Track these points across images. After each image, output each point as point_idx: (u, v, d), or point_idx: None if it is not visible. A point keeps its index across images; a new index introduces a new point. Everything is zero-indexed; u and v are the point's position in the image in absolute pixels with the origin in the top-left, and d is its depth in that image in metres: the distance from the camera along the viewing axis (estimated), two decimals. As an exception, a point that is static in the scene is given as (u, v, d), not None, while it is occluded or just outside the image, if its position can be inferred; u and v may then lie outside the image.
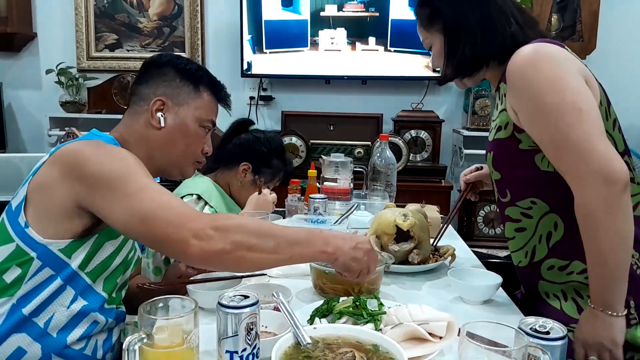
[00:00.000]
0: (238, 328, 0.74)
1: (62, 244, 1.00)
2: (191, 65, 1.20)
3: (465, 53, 1.12)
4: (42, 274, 0.99)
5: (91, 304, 1.05)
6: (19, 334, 0.98)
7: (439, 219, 1.72)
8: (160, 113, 1.14)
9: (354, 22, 3.10)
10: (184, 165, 1.21)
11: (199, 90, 1.18)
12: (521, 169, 1.09)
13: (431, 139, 3.07)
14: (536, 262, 1.13)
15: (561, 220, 1.08)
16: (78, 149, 1.00)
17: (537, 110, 0.99)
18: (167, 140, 1.15)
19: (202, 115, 1.18)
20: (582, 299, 1.08)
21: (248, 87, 3.38)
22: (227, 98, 1.26)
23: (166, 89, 1.16)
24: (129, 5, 3.36)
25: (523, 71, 1.01)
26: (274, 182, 1.76)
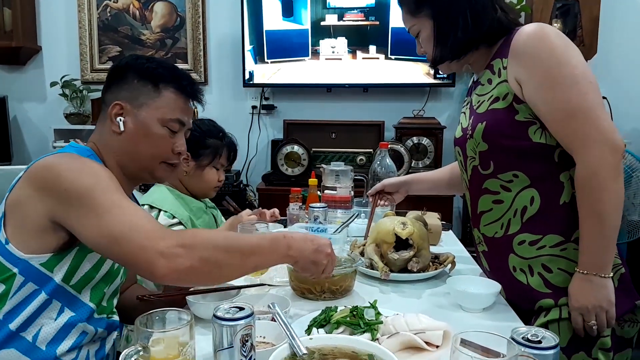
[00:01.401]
0: (233, 340, 0.75)
1: (42, 258, 0.99)
2: (150, 63, 1.14)
3: (458, 36, 1.17)
4: (25, 289, 0.99)
5: (79, 314, 1.05)
6: (7, 350, 0.98)
7: (440, 226, 1.72)
8: (119, 117, 1.10)
9: (355, 31, 3.12)
10: (153, 169, 1.15)
11: (158, 89, 1.12)
12: (512, 140, 1.13)
13: (433, 146, 3.07)
14: (509, 235, 1.18)
15: (539, 195, 1.14)
16: (51, 164, 0.99)
17: (549, 79, 1.05)
18: (130, 144, 1.11)
19: (165, 115, 1.12)
20: (551, 273, 1.14)
21: (250, 97, 3.40)
22: (196, 93, 1.19)
23: (125, 92, 1.12)
24: (132, 17, 3.40)
25: (534, 44, 1.07)
26: (220, 161, 1.76)
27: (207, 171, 1.74)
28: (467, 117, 1.24)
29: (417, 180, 1.67)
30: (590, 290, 1.07)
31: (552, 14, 2.93)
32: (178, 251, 0.89)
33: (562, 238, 1.13)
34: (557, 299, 1.13)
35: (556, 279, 1.13)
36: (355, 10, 3.10)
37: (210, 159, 1.73)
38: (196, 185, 1.75)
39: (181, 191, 1.74)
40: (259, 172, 3.37)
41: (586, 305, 1.07)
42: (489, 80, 1.18)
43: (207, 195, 1.81)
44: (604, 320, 1.08)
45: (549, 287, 1.14)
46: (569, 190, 1.13)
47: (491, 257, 1.25)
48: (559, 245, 1.13)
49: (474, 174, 1.23)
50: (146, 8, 3.38)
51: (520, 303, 1.18)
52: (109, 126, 1.11)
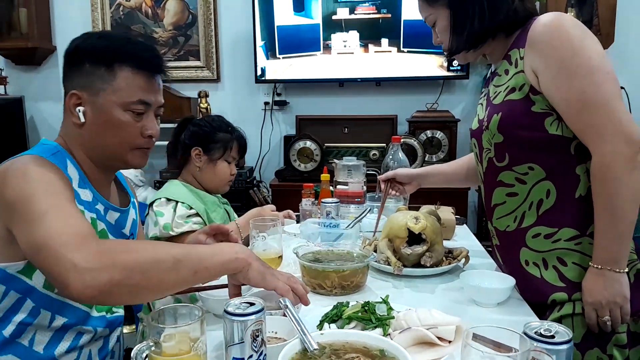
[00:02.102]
0: (244, 335, 0.75)
1: (18, 266, 0.95)
2: (101, 42, 1.03)
3: (474, 25, 1.16)
4: (10, 297, 0.97)
5: (72, 319, 1.02)
6: (5, 356, 0.97)
7: (454, 221, 1.70)
8: (79, 108, 1.01)
9: (366, 25, 3.10)
10: (124, 157, 1.07)
11: (113, 70, 1.01)
12: (528, 131, 1.12)
13: (447, 139, 3.05)
14: (522, 228, 1.17)
15: (555, 188, 1.12)
16: (2, 170, 0.93)
17: (565, 69, 1.04)
18: (94, 135, 1.03)
19: (125, 98, 1.01)
20: (566, 266, 1.13)
21: (262, 93, 3.41)
22: (158, 66, 1.06)
23: (80, 79, 1.02)
24: (145, 16, 3.43)
25: (551, 33, 1.06)
26: (232, 154, 1.79)
27: (219, 165, 1.76)
28: (484, 108, 1.23)
29: (432, 173, 1.64)
30: (604, 285, 1.05)
31: (567, 2, 2.87)
32: (94, 263, 0.76)
33: (577, 232, 1.11)
34: (571, 293, 1.11)
35: (571, 273, 1.12)
36: (367, 3, 3.08)
37: (222, 153, 1.76)
38: (209, 179, 1.78)
39: (195, 187, 1.77)
40: (272, 168, 3.38)
41: (600, 300, 1.05)
42: (506, 70, 1.17)
43: (221, 190, 1.83)
44: (618, 316, 1.06)
45: (563, 280, 1.12)
46: (585, 184, 1.11)
47: (503, 251, 1.24)
48: (574, 239, 1.12)
49: (489, 166, 1.22)
50: (158, 6, 3.40)
51: (532, 297, 1.16)
52: (70, 118, 1.04)
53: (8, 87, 3.38)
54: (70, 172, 1.02)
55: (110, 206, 1.12)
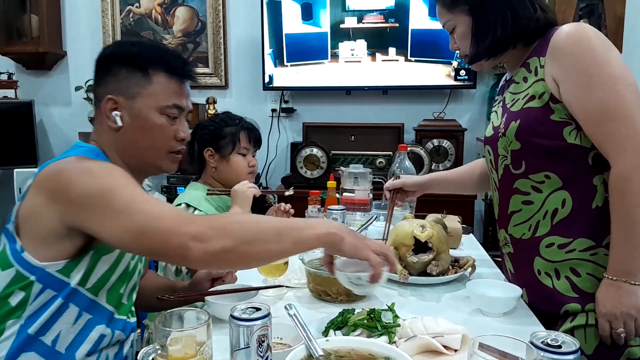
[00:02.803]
0: (250, 340, 0.75)
1: (59, 265, 0.98)
2: (135, 49, 1.07)
3: (496, 33, 1.16)
4: (44, 295, 0.99)
5: (97, 318, 1.04)
6: (28, 353, 0.99)
7: (460, 230, 1.70)
8: (115, 112, 1.05)
9: (374, 33, 3.11)
10: (158, 161, 1.11)
11: (148, 75, 1.05)
12: (546, 139, 1.11)
13: (454, 148, 3.04)
14: (536, 237, 1.16)
15: (571, 197, 1.12)
16: (59, 170, 0.97)
17: (586, 79, 1.04)
18: (130, 139, 1.07)
19: (161, 102, 1.06)
20: (579, 277, 1.12)
21: (270, 100, 3.42)
22: (189, 73, 1.12)
23: (115, 85, 1.06)
24: (154, 22, 3.46)
25: (574, 43, 1.06)
26: (242, 145, 1.76)
27: (232, 160, 1.74)
28: (499, 116, 1.23)
29: (438, 181, 1.63)
30: (619, 296, 1.04)
31: (575, 13, 2.88)
32: (210, 233, 0.86)
33: (592, 242, 1.10)
34: (584, 304, 1.10)
35: (584, 283, 1.11)
36: (375, 12, 3.09)
37: (232, 147, 1.74)
38: (227, 176, 1.76)
39: (216, 186, 1.75)
40: (278, 174, 3.39)
41: (614, 312, 1.04)
42: (524, 78, 1.17)
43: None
44: (632, 328, 1.04)
45: (576, 291, 1.11)
46: (602, 194, 1.10)
47: (516, 259, 1.23)
48: (589, 249, 1.11)
49: (504, 174, 1.22)
50: (168, 13, 3.44)
51: (544, 306, 1.16)
52: (106, 123, 1.06)
53: (18, 91, 3.41)
54: None
55: None
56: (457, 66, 3.07)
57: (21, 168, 3.00)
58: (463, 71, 3.07)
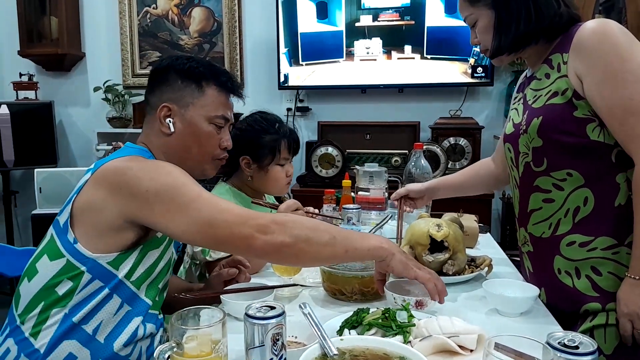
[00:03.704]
0: (264, 338, 0.75)
1: (110, 257, 1.03)
2: (191, 63, 1.18)
3: (519, 28, 1.14)
4: (92, 285, 1.03)
5: (136, 310, 1.08)
6: (69, 340, 1.03)
7: (477, 229, 1.68)
8: (169, 119, 1.14)
9: (390, 31, 3.10)
10: (203, 166, 1.20)
11: (202, 88, 1.17)
12: (568, 136, 1.10)
13: (470, 146, 3.02)
14: (557, 235, 1.15)
15: (593, 195, 1.10)
16: (123, 167, 1.03)
17: (610, 75, 1.02)
18: (180, 144, 1.16)
19: (210, 112, 1.17)
20: (600, 276, 1.10)
21: (285, 99, 3.43)
22: (236, 88, 1.23)
23: (170, 94, 1.15)
24: (171, 23, 3.49)
25: (598, 39, 1.05)
26: (282, 155, 1.63)
27: (271, 171, 1.62)
28: (520, 113, 1.22)
29: (442, 185, 1.61)
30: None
31: (594, 9, 2.83)
32: (273, 227, 0.95)
33: (614, 241, 1.09)
34: (604, 303, 1.09)
35: (605, 282, 1.09)
36: (390, 10, 3.08)
37: (271, 158, 1.61)
38: (264, 187, 1.66)
39: (248, 194, 1.65)
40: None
41: (636, 311, 1.03)
42: (546, 74, 1.15)
43: (279, 193, 1.75)
44: None
45: (597, 290, 1.10)
46: (625, 192, 1.08)
47: (536, 258, 1.22)
48: (611, 248, 1.09)
49: (525, 171, 1.20)
50: (184, 14, 3.46)
51: (564, 306, 1.14)
52: (158, 128, 1.15)
53: (38, 92, 3.48)
54: None
55: None
56: (474, 63, 3.04)
57: (41, 168, 3.06)
58: (480, 68, 3.04)
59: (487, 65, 3.02)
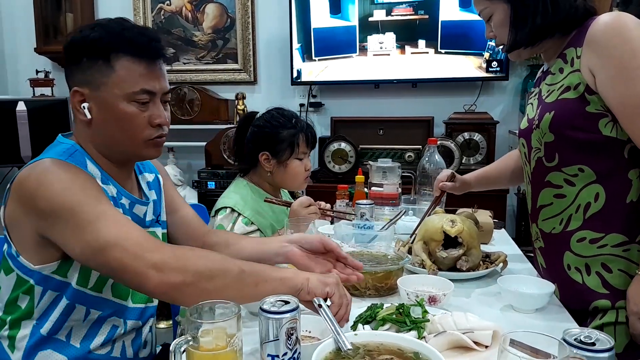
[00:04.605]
0: (279, 333, 0.76)
1: (52, 267, 0.98)
2: (94, 34, 0.98)
3: (536, 22, 1.13)
4: (47, 296, 0.99)
5: (106, 312, 1.04)
6: (44, 351, 1.01)
7: (492, 224, 1.67)
8: (84, 104, 0.99)
9: (403, 26, 3.08)
10: (137, 150, 1.04)
11: (109, 62, 0.97)
12: (580, 132, 1.09)
13: (485, 141, 2.99)
14: (568, 231, 1.14)
15: (604, 191, 1.09)
16: (32, 180, 0.94)
17: (624, 70, 1.01)
18: (102, 131, 1.01)
19: (127, 89, 0.98)
20: (610, 273, 1.09)
21: (298, 95, 3.43)
22: (157, 51, 1.01)
23: (80, 75, 0.99)
24: (185, 20, 3.51)
25: (612, 33, 1.03)
26: (300, 150, 1.66)
27: (290, 165, 1.66)
28: (535, 108, 1.21)
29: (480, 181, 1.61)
30: None
31: (612, 2, 2.77)
32: (172, 264, 0.85)
33: (625, 238, 1.08)
34: (614, 300, 1.08)
35: (615, 280, 1.08)
36: (404, 4, 3.06)
37: (290, 152, 1.64)
38: (283, 182, 1.70)
39: (267, 190, 1.69)
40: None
41: None
42: (560, 69, 1.14)
43: (298, 189, 1.77)
44: None
45: (606, 287, 1.09)
46: (637, 189, 1.07)
47: (547, 254, 1.21)
48: (621, 245, 1.08)
49: (537, 166, 1.20)
50: (198, 10, 3.48)
51: (572, 303, 1.13)
52: (78, 116, 1.02)
53: (54, 88, 3.52)
54: (91, 170, 1.01)
55: (136, 200, 1.12)
56: (488, 57, 3.00)
57: (58, 163, 3.09)
58: (495, 62, 3.01)
59: (502, 59, 2.99)
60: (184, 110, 3.33)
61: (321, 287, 0.91)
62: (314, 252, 1.09)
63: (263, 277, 0.90)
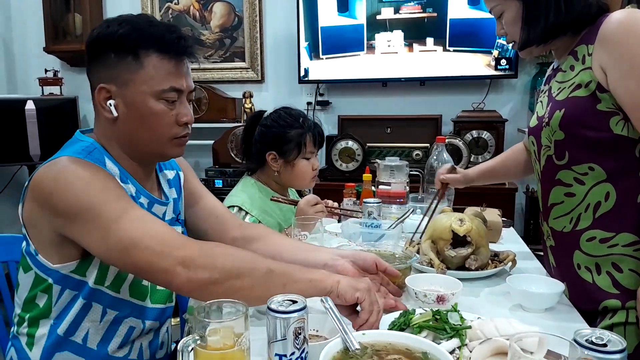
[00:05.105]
0: (286, 332, 0.75)
1: (71, 266, 0.97)
2: (122, 29, 0.95)
3: (549, 19, 1.12)
4: (65, 295, 0.99)
5: (123, 311, 1.03)
6: (61, 353, 1.00)
7: (500, 223, 1.66)
8: (110, 101, 0.97)
9: (411, 24, 3.07)
10: (162, 149, 1.03)
11: (139, 59, 0.95)
12: (591, 131, 1.07)
13: (494, 140, 2.97)
14: (577, 230, 1.13)
15: (615, 190, 1.08)
16: (50, 179, 0.92)
17: (636, 69, 1.00)
18: (128, 129, 0.99)
19: (156, 87, 0.96)
20: (621, 273, 1.08)
21: (305, 93, 3.43)
22: (185, 48, 0.99)
23: (106, 72, 0.97)
24: (192, 18, 3.51)
25: (625, 30, 1.02)
26: (308, 149, 1.67)
27: (297, 165, 1.67)
28: (545, 105, 1.19)
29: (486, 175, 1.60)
30: None
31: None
32: (200, 260, 0.84)
33: (636, 238, 1.06)
34: (625, 300, 1.07)
35: (626, 280, 1.07)
36: (412, 2, 3.04)
37: (297, 152, 1.65)
38: (290, 181, 1.70)
39: (274, 189, 1.69)
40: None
41: None
42: (571, 67, 1.13)
43: (306, 188, 1.78)
44: None
45: (617, 287, 1.08)
46: None
47: (558, 253, 1.21)
48: (632, 245, 1.07)
49: (547, 164, 1.19)
50: (206, 9, 3.48)
51: (582, 303, 1.12)
52: (102, 114, 0.99)
53: (63, 87, 3.54)
54: (109, 168, 1.00)
55: (155, 200, 1.10)
56: (497, 55, 2.98)
57: (67, 162, 3.11)
58: (504, 60, 2.98)
59: (511, 57, 2.97)
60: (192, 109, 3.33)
61: (352, 292, 0.89)
62: (366, 271, 1.07)
63: (292, 278, 0.89)
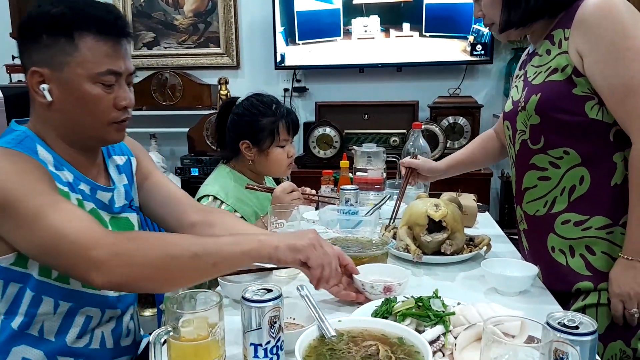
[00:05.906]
0: (262, 321, 0.75)
1: (10, 258, 0.93)
2: (55, 9, 0.91)
3: (530, 2, 1.11)
4: (10, 289, 0.95)
5: (78, 302, 0.99)
6: (18, 347, 0.97)
7: (476, 208, 1.68)
8: (44, 85, 0.93)
9: (388, 9, 3.05)
10: (102, 134, 0.99)
11: (73, 41, 0.91)
12: (567, 115, 1.08)
13: (470, 125, 2.99)
14: (552, 214, 1.14)
15: (589, 174, 1.09)
16: None
17: (613, 53, 1.00)
18: (64, 115, 0.95)
19: (92, 70, 0.92)
20: (594, 255, 1.10)
21: (282, 80, 3.39)
22: (123, 30, 0.95)
23: (39, 54, 0.92)
24: (165, 3, 3.43)
25: (601, 14, 1.02)
26: (281, 137, 1.63)
27: (272, 153, 1.63)
28: (520, 90, 1.20)
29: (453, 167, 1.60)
30: (634, 277, 1.02)
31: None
32: (112, 262, 0.80)
33: (609, 221, 1.08)
34: (597, 283, 1.09)
35: (598, 262, 1.09)
36: (388, -13, 3.02)
37: (271, 140, 1.62)
38: (266, 170, 1.68)
39: (249, 177, 1.67)
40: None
41: (628, 292, 1.03)
42: (547, 51, 1.13)
43: (281, 176, 1.76)
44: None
45: (590, 269, 1.10)
46: (621, 172, 1.07)
47: (531, 236, 1.22)
48: (605, 227, 1.09)
49: (522, 149, 1.19)
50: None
51: (556, 285, 1.14)
52: (36, 99, 0.95)
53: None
54: (42, 156, 0.96)
55: (97, 186, 1.05)
56: (473, 41, 2.99)
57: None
58: (479, 46, 3.00)
59: (486, 42, 2.98)
60: (166, 96, 3.27)
61: (292, 255, 0.87)
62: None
63: (221, 255, 0.86)
